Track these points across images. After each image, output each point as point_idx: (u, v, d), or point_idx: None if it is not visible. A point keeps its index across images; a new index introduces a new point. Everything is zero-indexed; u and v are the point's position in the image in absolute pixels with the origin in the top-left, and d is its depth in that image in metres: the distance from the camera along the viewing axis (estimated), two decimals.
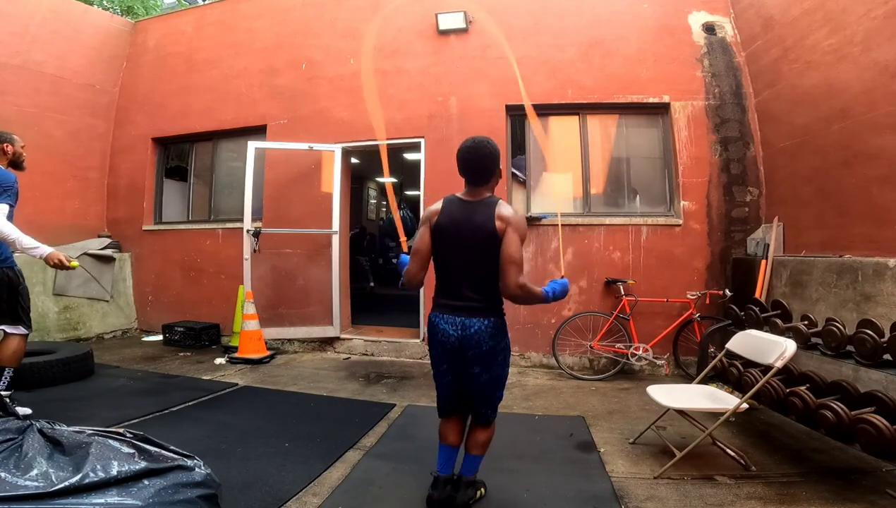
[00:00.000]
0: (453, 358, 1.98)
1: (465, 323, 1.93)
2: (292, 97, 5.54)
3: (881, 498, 2.15)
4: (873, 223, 3.24)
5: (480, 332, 1.92)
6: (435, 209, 2.01)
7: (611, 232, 4.65)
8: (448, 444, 2.11)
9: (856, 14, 3.36)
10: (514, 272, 1.84)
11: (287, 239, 5.31)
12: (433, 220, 1.99)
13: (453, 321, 1.95)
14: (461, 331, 1.93)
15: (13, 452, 1.61)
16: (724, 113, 4.62)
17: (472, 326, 1.92)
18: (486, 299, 1.96)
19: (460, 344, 1.94)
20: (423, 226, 2.02)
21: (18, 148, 2.94)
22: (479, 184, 1.98)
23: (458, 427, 2.13)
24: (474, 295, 1.94)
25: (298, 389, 3.88)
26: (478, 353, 1.93)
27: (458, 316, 1.95)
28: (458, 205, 1.98)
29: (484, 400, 2.04)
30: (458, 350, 1.95)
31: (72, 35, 5.84)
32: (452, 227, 1.94)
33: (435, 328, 2.01)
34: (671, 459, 2.45)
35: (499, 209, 1.91)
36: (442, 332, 1.97)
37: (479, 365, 1.95)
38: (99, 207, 6.26)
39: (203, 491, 1.71)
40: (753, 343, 2.60)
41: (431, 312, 2.05)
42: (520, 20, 5.04)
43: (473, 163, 1.96)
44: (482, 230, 1.89)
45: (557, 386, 4.08)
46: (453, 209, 1.97)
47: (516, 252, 1.86)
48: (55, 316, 5.26)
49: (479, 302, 1.94)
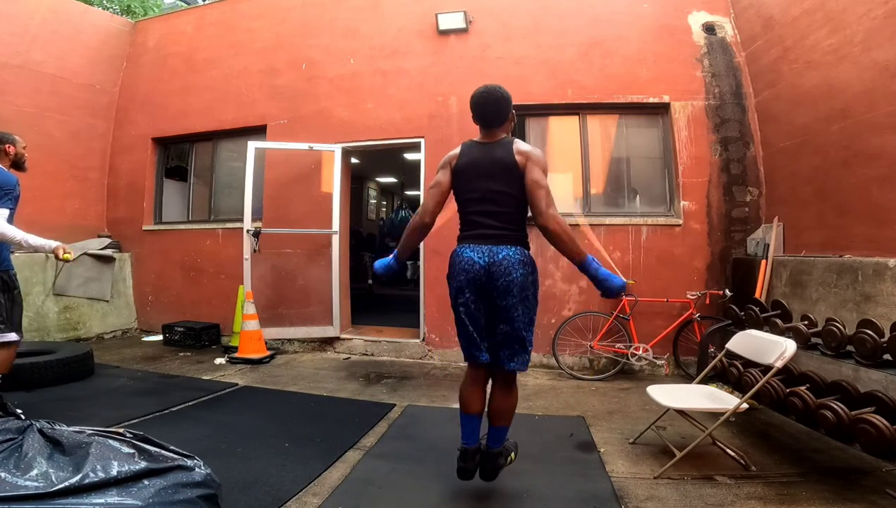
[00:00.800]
0: (479, 288, 1.93)
1: (492, 250, 1.92)
2: (292, 97, 5.54)
3: (881, 498, 2.15)
4: (873, 223, 3.24)
5: (509, 258, 1.90)
6: (454, 153, 2.07)
7: (611, 232, 4.65)
8: (471, 413, 2.05)
9: (856, 14, 3.36)
10: (543, 196, 1.84)
11: (287, 239, 5.31)
12: (453, 163, 2.05)
13: (479, 249, 1.93)
14: (488, 258, 1.91)
15: (13, 452, 1.61)
16: (724, 113, 4.62)
17: (499, 252, 1.91)
18: (512, 228, 1.97)
19: (487, 272, 1.90)
20: (443, 169, 2.07)
21: (20, 148, 2.93)
22: (493, 126, 2.03)
23: (480, 391, 2.07)
24: (500, 224, 1.95)
25: (298, 389, 3.88)
26: (508, 282, 1.89)
27: (485, 245, 1.93)
28: (476, 147, 2.05)
29: (515, 338, 1.94)
30: (486, 279, 1.91)
31: (72, 35, 5.84)
32: (473, 166, 2.00)
33: (458, 257, 1.98)
34: (671, 459, 2.45)
35: (517, 145, 1.97)
36: (466, 260, 1.94)
37: (510, 295, 1.89)
38: (99, 207, 6.26)
39: (203, 491, 1.70)
40: (753, 343, 2.60)
41: (456, 248, 2.03)
42: (520, 20, 5.04)
43: (488, 106, 2.01)
44: (502, 164, 1.94)
45: (557, 386, 4.08)
46: (472, 151, 2.04)
47: (541, 177, 1.88)
48: (55, 316, 5.26)
49: (505, 231, 1.95)
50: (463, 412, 2.09)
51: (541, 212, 1.84)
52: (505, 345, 1.97)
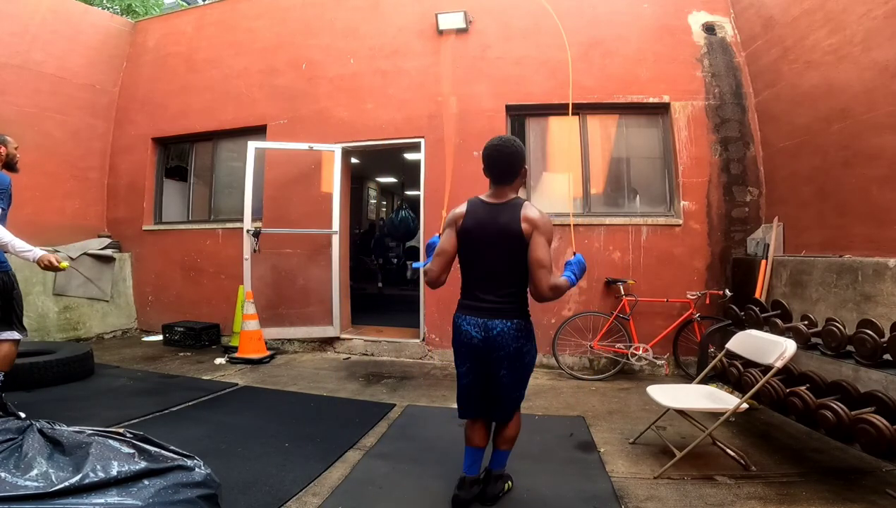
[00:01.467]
0: (477, 359, 1.99)
1: (487, 325, 1.93)
2: (292, 97, 5.54)
3: (881, 498, 2.15)
4: (873, 223, 3.24)
5: (503, 334, 1.92)
6: (460, 212, 2.01)
7: (611, 232, 4.65)
8: (475, 446, 2.11)
9: (856, 14, 3.36)
10: (544, 275, 1.83)
11: (287, 239, 5.31)
12: (459, 223, 1.98)
13: (475, 322, 1.95)
14: (484, 333, 1.93)
15: (13, 452, 1.61)
16: (724, 113, 4.62)
17: (494, 328, 1.92)
18: (510, 301, 1.95)
19: (484, 345, 1.94)
20: (449, 229, 2.03)
21: (12, 149, 2.88)
22: (504, 182, 1.97)
23: (483, 429, 2.13)
24: (498, 297, 1.94)
25: (298, 389, 3.88)
26: (503, 355, 1.93)
27: (481, 318, 1.95)
28: (483, 207, 1.97)
29: (506, 400, 2.04)
30: (483, 351, 1.95)
31: (72, 35, 5.84)
32: (478, 229, 1.94)
33: (458, 329, 2.02)
34: (671, 459, 2.45)
35: (525, 211, 1.90)
36: (465, 334, 1.98)
37: (504, 367, 1.95)
38: (99, 207, 6.26)
39: (203, 491, 1.71)
40: (753, 343, 2.60)
41: (456, 313, 2.06)
42: (520, 20, 5.04)
43: (501, 159, 1.95)
44: (508, 232, 1.89)
45: (557, 386, 4.08)
46: (478, 211, 1.96)
47: (545, 255, 1.84)
48: (55, 316, 5.26)
49: (502, 304, 1.94)
50: (467, 445, 2.14)
51: (539, 289, 1.85)
52: (499, 405, 2.06)
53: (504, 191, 1.98)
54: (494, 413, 2.09)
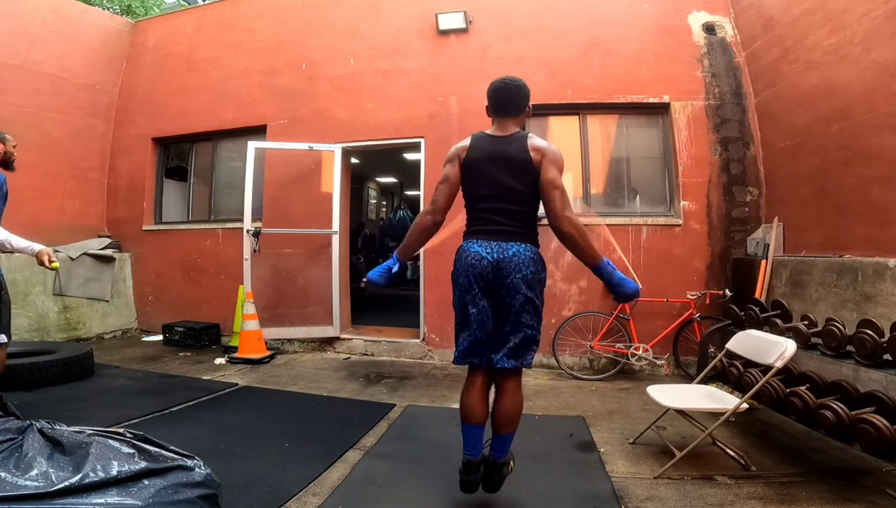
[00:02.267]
0: (486, 284, 1.85)
1: (501, 246, 1.84)
2: (292, 97, 5.54)
3: (881, 498, 2.15)
4: (873, 223, 3.24)
5: (520, 255, 1.84)
6: (463, 145, 1.96)
7: (611, 231, 4.64)
8: (474, 423, 1.93)
9: (856, 14, 3.36)
10: (558, 197, 1.78)
11: (287, 239, 5.31)
12: (462, 156, 1.94)
13: (488, 244, 1.86)
14: (498, 254, 1.83)
15: (13, 452, 1.61)
16: (724, 113, 4.62)
17: (509, 249, 1.84)
18: (524, 226, 1.90)
19: (496, 269, 1.83)
20: (451, 162, 1.96)
21: (10, 148, 2.83)
22: (509, 114, 1.96)
23: (482, 396, 1.95)
24: (510, 222, 1.88)
25: (298, 389, 3.88)
26: (518, 279, 1.82)
27: (494, 240, 1.86)
28: (488, 140, 1.94)
29: (522, 336, 1.86)
30: (494, 276, 1.83)
31: (72, 35, 5.84)
32: (485, 160, 1.89)
33: (465, 252, 1.90)
34: (671, 459, 2.45)
35: (531, 140, 1.89)
36: (474, 255, 1.86)
37: (519, 292, 1.82)
38: (99, 207, 6.26)
39: (203, 491, 1.71)
40: (753, 343, 2.60)
41: (463, 242, 1.95)
42: (520, 20, 5.04)
43: (509, 91, 1.95)
44: (516, 160, 1.86)
45: (557, 386, 4.08)
46: (484, 144, 1.93)
47: (556, 177, 1.81)
48: (55, 316, 5.26)
49: (517, 228, 1.88)
50: (465, 422, 1.95)
51: (556, 213, 1.78)
52: (511, 344, 1.87)
53: (509, 125, 1.96)
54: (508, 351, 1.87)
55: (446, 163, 1.99)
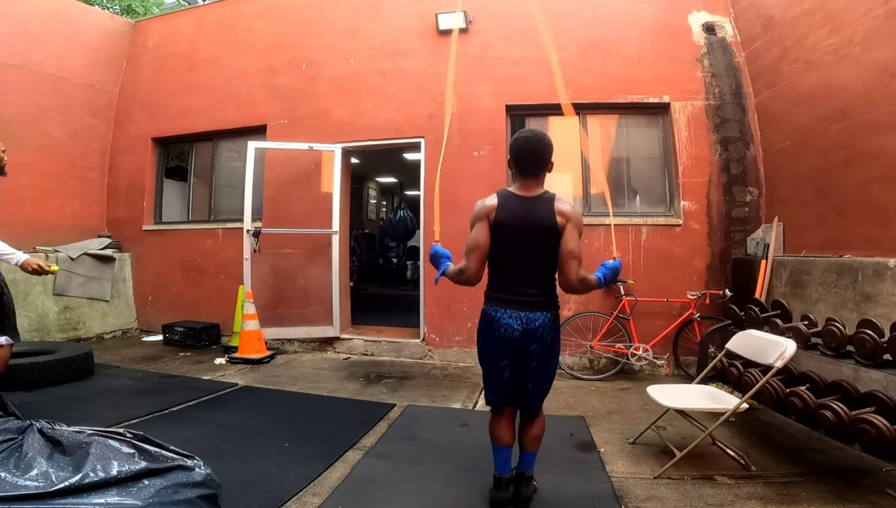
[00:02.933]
0: (513, 352, 1.98)
1: (529, 318, 1.95)
2: (292, 97, 5.54)
3: (881, 498, 2.15)
4: (873, 223, 3.24)
5: (544, 326, 1.96)
6: (491, 204, 1.96)
7: (611, 232, 4.65)
8: (503, 445, 2.12)
9: (856, 14, 3.36)
10: (575, 266, 1.90)
11: (287, 239, 5.31)
12: (492, 216, 1.95)
13: (517, 315, 1.95)
14: (525, 326, 1.94)
15: (13, 452, 1.61)
16: (724, 113, 4.62)
17: (536, 320, 1.95)
18: (546, 293, 2.00)
19: (524, 338, 1.95)
20: (481, 222, 1.96)
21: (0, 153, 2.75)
22: (535, 176, 1.98)
23: (510, 425, 2.15)
24: (536, 290, 1.98)
25: (298, 389, 3.88)
26: (540, 347, 1.96)
27: (522, 311, 1.95)
28: (516, 201, 1.96)
29: (538, 392, 2.07)
30: (521, 344, 1.96)
31: (72, 35, 5.84)
32: (514, 224, 1.93)
33: (496, 322, 1.98)
34: (671, 459, 2.45)
35: (558, 204, 1.94)
36: (505, 327, 1.96)
37: (539, 358, 1.99)
38: (99, 207, 6.26)
39: (203, 491, 1.71)
40: (753, 343, 2.60)
41: (488, 306, 2.03)
42: (520, 20, 5.03)
43: (532, 154, 1.95)
44: (543, 226, 1.92)
45: (557, 386, 4.04)
46: (512, 205, 1.95)
47: (577, 247, 1.92)
48: (55, 316, 5.26)
49: (540, 297, 1.98)
50: (495, 445, 2.14)
51: (569, 279, 1.91)
52: (531, 397, 2.07)
53: (533, 185, 1.98)
54: (525, 404, 2.10)
55: (474, 222, 1.99)
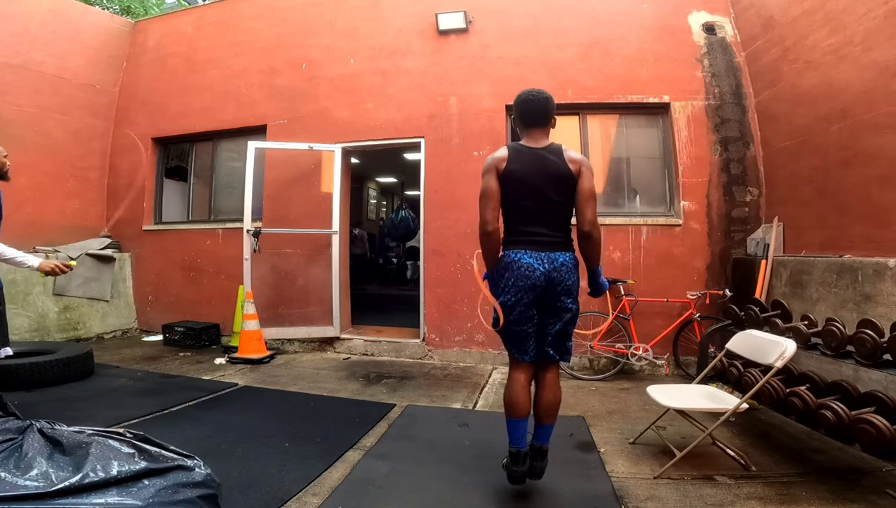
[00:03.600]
0: (536, 292, 2.00)
1: (551, 257, 1.99)
2: (292, 97, 5.54)
3: (881, 498, 2.15)
4: (873, 223, 3.24)
5: (567, 264, 2.01)
6: (501, 156, 2.03)
7: (611, 232, 4.65)
8: (518, 417, 2.08)
9: (856, 14, 3.36)
10: (592, 206, 1.97)
11: (287, 239, 5.31)
12: (501, 167, 2.01)
13: (538, 256, 1.99)
14: (548, 265, 1.98)
15: (13, 452, 1.61)
16: (724, 113, 4.62)
17: (558, 258, 2.00)
18: (567, 235, 2.06)
19: (547, 278, 1.98)
20: (489, 174, 2.02)
21: (1, 158, 2.71)
22: (540, 125, 2.06)
23: (527, 392, 2.11)
24: (557, 232, 2.03)
25: (298, 389, 3.88)
26: (567, 286, 2.01)
27: (543, 251, 1.99)
28: (526, 151, 2.03)
29: (566, 334, 2.11)
30: (545, 284, 1.98)
31: (72, 35, 5.85)
32: (526, 171, 1.99)
33: (517, 263, 2.00)
34: (671, 459, 2.45)
35: (567, 153, 2.03)
36: (527, 267, 1.98)
37: (567, 297, 2.03)
38: (99, 207, 6.26)
39: (203, 491, 1.71)
40: (753, 343, 2.60)
41: (509, 250, 2.04)
42: (520, 20, 5.04)
43: (538, 103, 2.05)
44: (557, 172, 1.98)
45: None
46: (523, 156, 2.02)
47: (593, 188, 2.01)
48: (55, 316, 5.26)
49: (560, 238, 2.03)
50: (511, 417, 2.09)
51: (589, 221, 1.95)
52: (556, 342, 2.10)
53: (540, 136, 2.06)
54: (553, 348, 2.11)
55: (484, 174, 2.04)
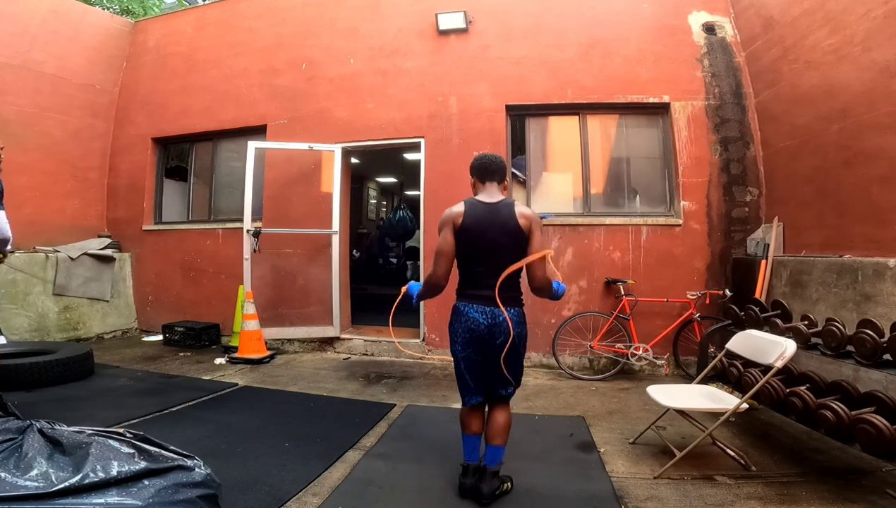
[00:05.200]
0: (480, 344, 2.14)
1: (494, 313, 2.10)
2: (292, 97, 5.54)
3: (881, 498, 2.15)
4: (873, 223, 3.24)
5: (511, 319, 2.09)
6: (457, 211, 2.14)
7: (611, 232, 4.65)
8: (471, 433, 2.24)
9: (856, 14, 3.36)
10: (542, 266, 2.06)
11: (287, 239, 5.31)
12: (458, 222, 2.11)
13: (483, 310, 2.11)
14: (490, 320, 2.10)
15: (13, 452, 1.61)
16: (724, 113, 4.62)
17: (500, 315, 2.09)
18: (512, 290, 2.13)
19: (489, 331, 2.10)
20: (446, 228, 2.13)
21: None
22: (494, 179, 2.19)
23: (479, 414, 2.27)
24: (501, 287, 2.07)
25: (298, 389, 3.88)
26: (505, 340, 2.08)
27: (487, 306, 2.10)
28: (480, 206, 2.14)
29: (504, 381, 2.17)
30: (487, 336, 2.11)
31: (72, 35, 5.84)
32: (479, 226, 2.10)
33: (464, 316, 2.15)
34: (671, 459, 2.45)
35: (518, 208, 2.13)
36: (472, 321, 2.12)
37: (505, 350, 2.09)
38: (99, 207, 6.26)
39: (203, 491, 1.71)
40: (753, 343, 2.60)
41: (458, 302, 2.21)
42: (520, 20, 5.04)
43: (493, 164, 2.20)
44: (507, 227, 2.08)
45: (557, 386, 4.08)
46: (477, 211, 2.12)
47: (542, 245, 2.10)
48: (55, 316, 5.26)
49: (503, 293, 2.06)
50: (464, 433, 2.26)
51: (537, 276, 2.06)
52: (498, 384, 2.20)
53: (495, 191, 2.19)
54: (494, 391, 2.22)
55: (441, 228, 2.16)
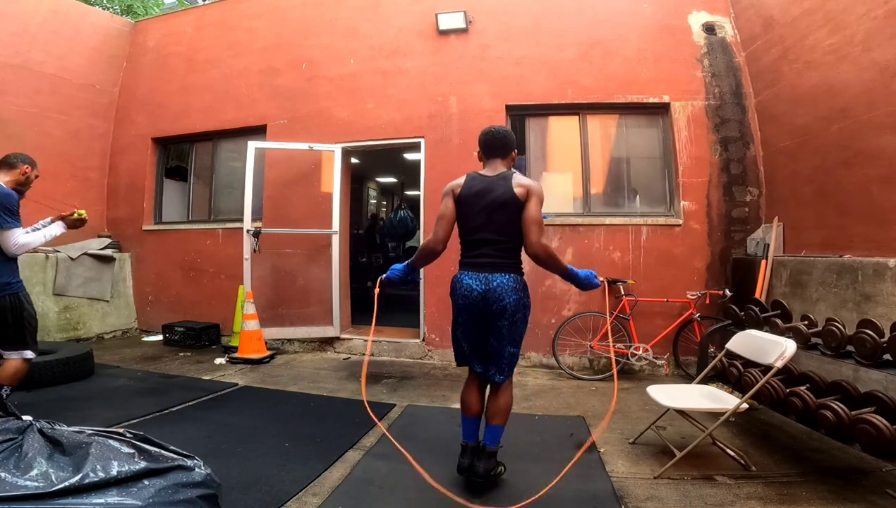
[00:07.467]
0: (475, 311, 2.15)
1: (488, 278, 2.12)
2: (292, 97, 5.54)
3: (881, 498, 2.15)
4: (873, 223, 3.24)
5: (503, 286, 2.11)
6: (458, 183, 2.23)
7: (611, 232, 4.65)
8: (470, 415, 2.27)
9: (856, 14, 3.36)
10: (535, 230, 2.06)
11: (287, 239, 5.31)
12: (456, 192, 2.20)
13: (476, 276, 2.14)
14: (484, 286, 2.11)
15: (13, 452, 1.61)
16: (724, 113, 4.62)
17: (494, 280, 2.11)
18: (507, 256, 2.15)
19: (483, 298, 2.11)
20: (447, 197, 2.23)
21: (33, 176, 2.87)
22: (498, 156, 2.23)
23: (478, 393, 2.30)
24: (496, 253, 2.14)
25: (298, 389, 3.88)
26: (502, 307, 2.10)
27: (481, 272, 2.13)
28: (479, 179, 2.21)
29: (501, 355, 2.18)
30: (482, 303, 2.12)
31: (72, 35, 5.84)
32: (475, 196, 2.15)
33: (458, 283, 2.19)
34: (671, 459, 2.45)
35: (516, 178, 2.15)
36: (465, 286, 2.15)
37: (502, 317, 2.12)
38: (99, 207, 6.25)
39: (203, 491, 1.71)
40: (753, 343, 2.60)
41: (459, 272, 2.22)
42: (520, 20, 5.04)
43: (496, 138, 2.24)
44: (503, 196, 2.11)
45: (557, 386, 4.08)
46: (475, 183, 2.19)
47: (537, 213, 2.08)
48: (55, 316, 5.26)
49: (500, 259, 2.14)
50: (463, 414, 2.30)
51: (531, 241, 2.06)
52: (493, 359, 2.20)
53: (497, 165, 2.23)
54: (491, 366, 2.21)
55: (443, 197, 2.25)
